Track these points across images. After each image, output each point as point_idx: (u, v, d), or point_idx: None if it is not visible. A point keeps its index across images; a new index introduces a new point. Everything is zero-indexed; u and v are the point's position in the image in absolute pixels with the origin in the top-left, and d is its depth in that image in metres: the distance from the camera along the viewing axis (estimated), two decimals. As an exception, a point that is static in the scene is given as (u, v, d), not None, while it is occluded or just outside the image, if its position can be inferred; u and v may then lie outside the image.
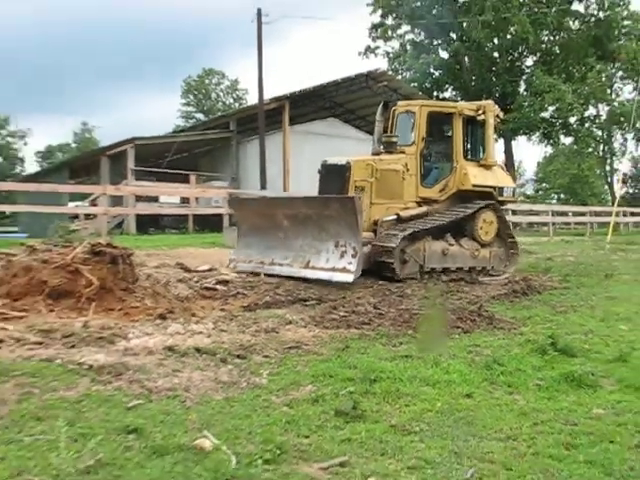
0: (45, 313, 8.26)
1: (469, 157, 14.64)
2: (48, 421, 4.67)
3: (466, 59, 47.08)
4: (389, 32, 49.47)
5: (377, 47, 49.89)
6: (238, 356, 6.73)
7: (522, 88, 47.49)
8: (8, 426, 4.58)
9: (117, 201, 28.08)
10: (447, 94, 49.38)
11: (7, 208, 33.03)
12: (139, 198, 29.68)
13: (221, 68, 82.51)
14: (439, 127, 14.65)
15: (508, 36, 45.22)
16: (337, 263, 11.37)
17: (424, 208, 13.91)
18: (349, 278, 11.02)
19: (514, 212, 34.45)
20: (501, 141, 48.14)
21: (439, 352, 6.82)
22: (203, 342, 7.20)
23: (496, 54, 47.66)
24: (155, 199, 31.63)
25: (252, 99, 58.61)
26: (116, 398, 5.30)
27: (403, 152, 14.01)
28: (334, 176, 13.39)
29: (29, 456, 4.11)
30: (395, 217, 13.37)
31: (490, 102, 15.21)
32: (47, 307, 8.46)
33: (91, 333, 7.24)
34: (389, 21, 49.47)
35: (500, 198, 14.74)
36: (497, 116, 15.00)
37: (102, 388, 5.55)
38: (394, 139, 14.25)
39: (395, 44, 50.57)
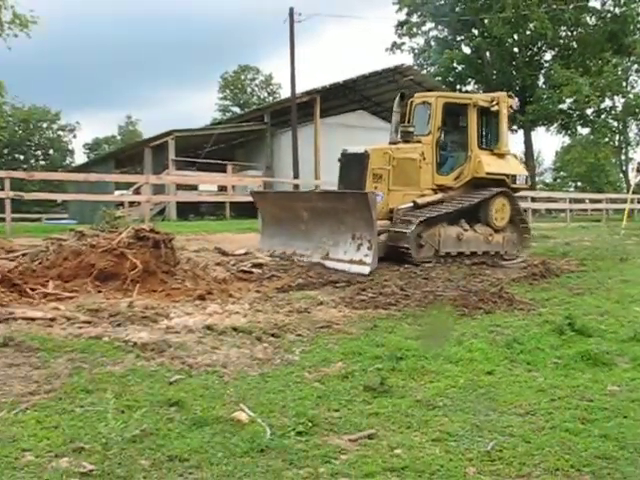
0: (93, 294, 8.36)
1: (483, 146, 14.43)
2: (97, 394, 4.73)
3: (487, 54, 46.57)
4: (414, 29, 49.05)
5: (403, 43, 49.53)
6: (272, 335, 6.76)
7: (541, 81, 46.89)
8: (61, 397, 4.65)
9: (159, 189, 28.28)
10: (469, 87, 48.92)
11: (58, 196, 33.36)
12: (179, 186, 29.84)
13: (256, 64, 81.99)
14: (454, 117, 14.42)
15: (527, 32, 44.57)
16: (354, 255, 11.30)
17: (439, 195, 13.79)
18: (365, 270, 10.90)
19: (533, 199, 34.10)
20: (521, 132, 47.71)
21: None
22: (240, 321, 7.25)
23: (516, 49, 47.06)
24: (194, 187, 31.78)
25: (285, 93, 58.48)
26: (159, 373, 5.35)
27: (420, 141, 13.85)
28: (353, 164, 13.37)
29: (80, 425, 4.17)
30: (411, 204, 13.24)
31: (503, 94, 15.05)
32: (95, 288, 8.56)
33: (135, 312, 7.33)
34: (414, 19, 49.05)
35: (513, 185, 14.55)
36: (510, 107, 14.78)
37: (146, 364, 5.61)
38: (411, 129, 14.07)
39: (420, 40, 50.20)
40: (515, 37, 45.76)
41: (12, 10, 31.68)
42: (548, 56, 48.41)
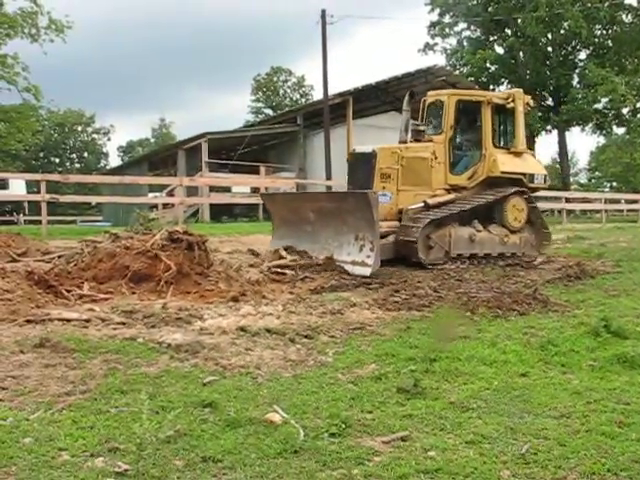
0: (128, 295, 8.45)
1: (499, 144, 14.16)
2: (131, 394, 4.77)
3: (521, 54, 46.21)
4: (446, 29, 48.98)
5: (435, 44, 49.47)
6: (306, 336, 6.76)
7: (575, 81, 46.47)
8: (96, 398, 4.70)
9: (192, 191, 28.46)
10: (502, 88, 48.61)
11: (93, 199, 33.72)
12: (213, 188, 30.03)
13: (288, 66, 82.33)
14: (468, 115, 14.13)
15: (562, 31, 44.20)
16: (357, 256, 11.08)
17: (452, 195, 13.49)
18: (367, 271, 10.68)
19: (568, 200, 33.80)
20: (555, 132, 47.27)
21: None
22: (273, 323, 7.26)
23: (550, 48, 46.66)
24: (228, 189, 31.96)
25: (317, 95, 58.61)
26: (193, 374, 5.38)
27: (431, 140, 13.62)
28: (361, 164, 13.17)
29: (115, 425, 4.21)
30: (422, 204, 12.94)
31: (519, 90, 14.79)
32: (129, 290, 8.64)
33: (170, 314, 7.38)
34: (446, 19, 48.96)
35: (531, 185, 14.22)
36: (527, 104, 14.50)
37: (180, 365, 5.65)
38: (421, 127, 13.87)
39: (452, 41, 50.09)
40: (549, 36, 45.40)
41: (48, 16, 32.23)
42: (583, 55, 48.02)
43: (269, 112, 72.78)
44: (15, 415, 4.34)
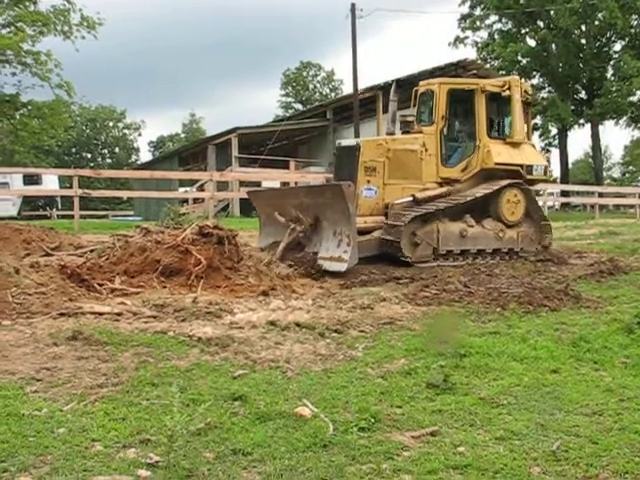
0: (159, 289, 8.52)
1: (494, 135, 13.53)
2: (162, 387, 4.84)
3: (553, 46, 45.57)
4: (477, 22, 48.45)
5: (466, 37, 48.93)
6: (335, 331, 6.78)
7: (610, 73, 45.67)
8: (128, 390, 4.77)
9: (223, 186, 28.62)
10: (534, 81, 48.07)
11: (124, 194, 34.19)
12: (243, 183, 30.14)
13: (318, 61, 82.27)
14: (461, 105, 13.54)
15: (596, 22, 43.48)
16: (335, 252, 10.57)
17: (444, 188, 12.87)
18: (342, 267, 10.26)
19: (601, 194, 33.42)
20: (588, 126, 46.64)
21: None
22: (303, 317, 7.29)
23: (583, 40, 45.91)
24: (257, 184, 32.04)
25: (347, 89, 58.50)
26: (223, 368, 5.43)
27: (421, 131, 13.06)
28: (346, 158, 12.73)
29: (146, 418, 4.27)
30: (410, 198, 12.36)
31: (516, 77, 14.15)
32: (160, 284, 8.72)
33: (200, 308, 7.45)
34: (477, 12, 48.50)
35: (529, 177, 13.58)
36: (525, 92, 13.80)
37: (210, 358, 5.70)
38: (410, 118, 13.35)
39: (483, 34, 49.50)
40: (583, 28, 44.72)
41: (80, 13, 32.60)
42: (618, 47, 47.08)
43: (299, 107, 72.80)
44: (49, 406, 4.42)
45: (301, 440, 3.98)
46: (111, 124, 79.91)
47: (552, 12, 42.84)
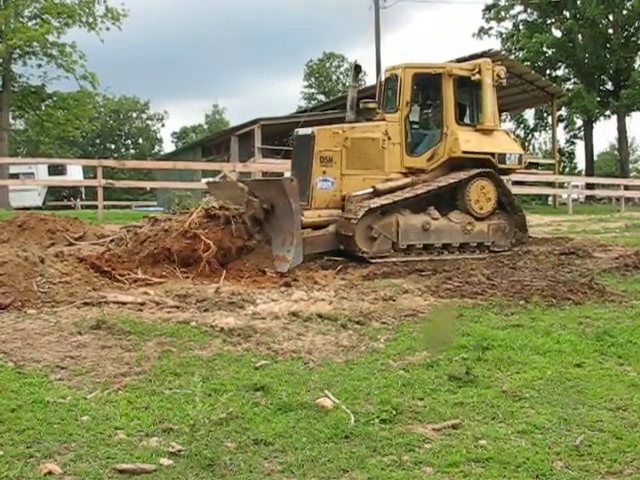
0: (181, 279, 8.58)
1: (463, 122, 12.66)
2: (185, 377, 4.87)
3: (579, 37, 45.02)
4: (502, 13, 48.04)
5: (490, 28, 48.55)
6: (357, 322, 6.77)
7: (637, 64, 45.08)
8: (151, 379, 4.81)
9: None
10: (560, 72, 47.63)
11: (147, 184, 34.31)
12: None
13: (341, 52, 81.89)
14: (427, 90, 12.85)
15: (624, 11, 42.97)
16: (280, 250, 9.89)
17: (408, 179, 12.03)
18: (284, 268, 9.53)
19: (627, 187, 33.02)
20: (614, 117, 46.10)
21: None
22: (325, 308, 7.29)
23: (611, 30, 45.32)
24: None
25: (370, 80, 58.31)
26: (245, 358, 5.45)
27: (384, 119, 12.23)
28: (301, 148, 12.06)
29: (169, 407, 4.30)
30: (370, 190, 11.61)
31: (487, 60, 13.30)
32: (182, 274, 8.78)
33: (222, 298, 7.49)
34: (502, 2, 48.08)
35: (502, 166, 12.63)
36: (497, 75, 12.80)
37: (232, 349, 5.73)
38: (371, 105, 12.42)
39: (508, 24, 49.05)
40: (610, 18, 44.14)
41: (105, 4, 32.84)
42: (646, 36, 46.52)
43: (322, 98, 72.63)
44: (73, 394, 4.47)
45: (322, 431, 3.98)
46: (134, 115, 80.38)
47: (578, 2, 42.39)
